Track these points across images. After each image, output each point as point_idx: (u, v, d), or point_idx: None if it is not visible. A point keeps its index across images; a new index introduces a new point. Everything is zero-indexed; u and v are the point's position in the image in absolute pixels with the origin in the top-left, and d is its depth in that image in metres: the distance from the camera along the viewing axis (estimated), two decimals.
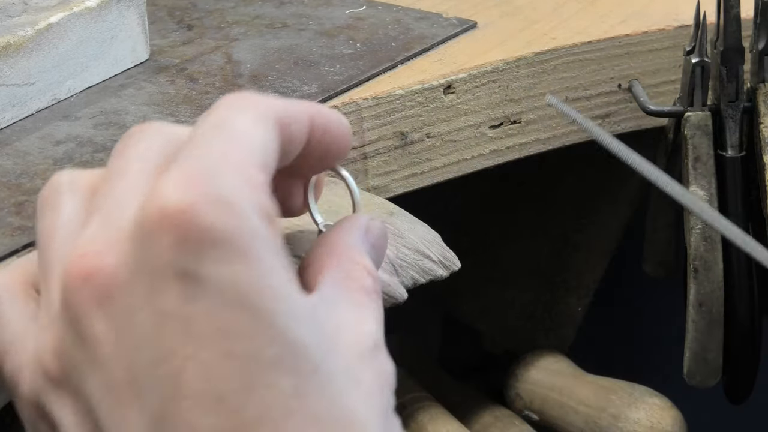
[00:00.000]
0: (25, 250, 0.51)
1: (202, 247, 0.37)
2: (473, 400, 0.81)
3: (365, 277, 0.45)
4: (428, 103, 0.65)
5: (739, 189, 0.70)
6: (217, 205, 0.38)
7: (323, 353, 0.39)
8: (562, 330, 0.88)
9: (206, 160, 0.39)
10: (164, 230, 0.38)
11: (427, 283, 0.53)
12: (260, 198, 0.39)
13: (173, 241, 0.37)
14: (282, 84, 0.64)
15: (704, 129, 0.69)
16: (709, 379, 0.72)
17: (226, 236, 0.38)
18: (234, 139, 0.40)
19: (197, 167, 0.39)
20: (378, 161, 0.65)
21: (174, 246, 0.37)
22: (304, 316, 0.39)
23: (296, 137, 0.43)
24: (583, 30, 0.71)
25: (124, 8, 0.64)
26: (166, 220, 0.38)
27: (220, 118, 0.41)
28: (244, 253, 0.38)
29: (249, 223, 0.38)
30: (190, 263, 0.37)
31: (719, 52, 0.68)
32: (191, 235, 0.37)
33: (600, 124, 0.71)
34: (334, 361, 0.40)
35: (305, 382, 0.38)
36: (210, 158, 0.39)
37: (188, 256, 0.37)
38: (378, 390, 0.41)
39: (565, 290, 0.88)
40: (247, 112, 0.41)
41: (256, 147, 0.41)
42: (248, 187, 0.39)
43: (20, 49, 0.59)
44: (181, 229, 0.37)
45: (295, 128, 0.43)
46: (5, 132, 0.59)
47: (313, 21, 0.71)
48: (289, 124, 0.43)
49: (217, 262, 0.37)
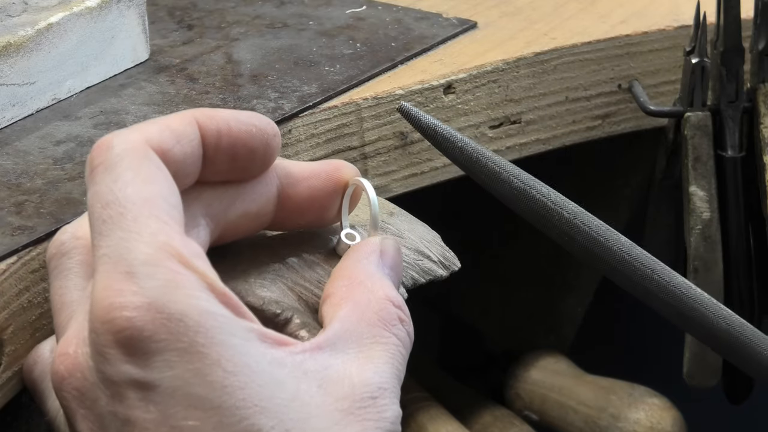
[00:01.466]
0: (25, 250, 0.51)
1: (148, 357, 0.40)
2: (473, 400, 0.81)
3: (386, 308, 0.46)
4: (428, 103, 0.65)
5: (739, 189, 0.70)
6: (150, 312, 0.40)
7: (295, 421, 0.41)
8: (562, 330, 0.88)
9: (120, 261, 0.41)
10: (111, 345, 0.40)
11: (427, 283, 0.53)
12: (190, 269, 0.41)
13: (121, 355, 0.40)
14: (282, 84, 0.64)
15: (704, 129, 0.69)
16: (709, 379, 0.72)
17: (165, 343, 0.40)
18: (133, 220, 0.42)
19: (114, 274, 0.41)
20: (378, 161, 0.65)
21: (123, 359, 0.40)
22: (267, 397, 0.41)
23: (187, 152, 0.44)
24: (583, 30, 0.71)
25: (125, 8, 0.64)
26: (110, 336, 0.40)
27: (105, 192, 0.42)
28: (188, 352, 0.40)
29: (187, 320, 0.40)
30: (141, 374, 0.40)
31: (719, 53, 0.68)
32: (136, 346, 0.40)
33: (600, 125, 0.71)
34: (311, 424, 0.41)
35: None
36: (123, 255, 0.41)
37: (137, 367, 0.40)
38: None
39: (565, 290, 0.88)
40: (128, 168, 0.43)
41: (158, 206, 0.42)
42: (172, 271, 0.41)
43: (20, 49, 0.59)
44: (124, 340, 0.40)
45: (179, 148, 0.44)
46: (5, 132, 0.59)
47: (313, 21, 0.71)
48: (170, 148, 0.44)
49: (163, 369, 0.40)
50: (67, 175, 0.56)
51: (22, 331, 0.50)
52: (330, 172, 0.49)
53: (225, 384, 0.40)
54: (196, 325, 0.40)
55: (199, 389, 0.40)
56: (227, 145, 0.45)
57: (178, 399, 0.40)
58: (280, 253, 0.50)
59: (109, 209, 0.42)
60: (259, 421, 0.40)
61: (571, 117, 0.70)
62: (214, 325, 0.40)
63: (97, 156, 0.43)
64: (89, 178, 0.43)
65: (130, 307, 0.40)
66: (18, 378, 0.50)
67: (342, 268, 0.48)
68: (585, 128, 0.71)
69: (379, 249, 0.48)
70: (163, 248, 0.41)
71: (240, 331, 0.41)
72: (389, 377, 0.44)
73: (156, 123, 0.44)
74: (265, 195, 0.48)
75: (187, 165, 0.44)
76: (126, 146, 0.43)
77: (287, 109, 0.61)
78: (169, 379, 0.40)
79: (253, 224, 0.49)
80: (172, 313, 0.40)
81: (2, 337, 0.49)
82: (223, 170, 0.46)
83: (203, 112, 0.45)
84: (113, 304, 0.40)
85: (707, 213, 0.69)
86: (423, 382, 0.80)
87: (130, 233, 0.41)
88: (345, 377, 0.43)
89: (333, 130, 0.63)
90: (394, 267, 0.48)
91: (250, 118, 0.46)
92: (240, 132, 0.46)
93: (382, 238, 0.49)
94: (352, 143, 0.63)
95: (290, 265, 0.50)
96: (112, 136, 0.44)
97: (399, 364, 0.45)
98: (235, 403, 0.40)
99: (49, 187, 0.55)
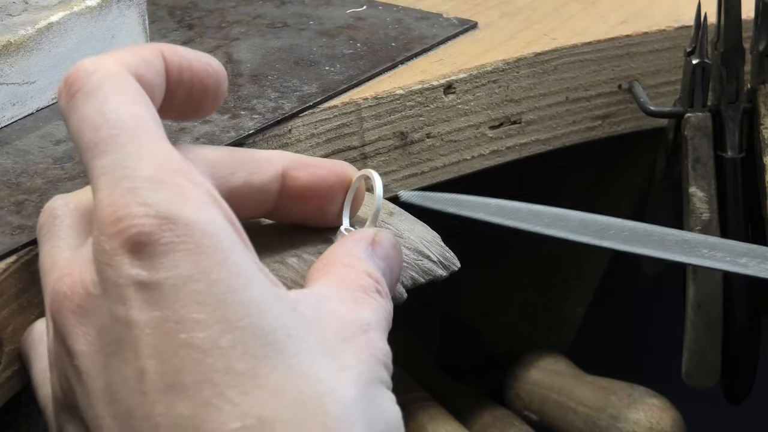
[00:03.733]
0: (25, 249, 0.51)
1: (155, 258, 0.40)
2: (473, 400, 0.81)
3: (363, 279, 0.46)
4: (428, 103, 0.65)
5: (738, 190, 0.70)
6: (158, 218, 0.40)
7: (293, 335, 0.41)
8: (562, 330, 0.88)
9: (122, 180, 0.41)
10: (117, 251, 0.41)
11: (426, 283, 0.53)
12: (194, 183, 0.42)
13: (128, 259, 0.40)
14: (282, 84, 0.64)
15: (704, 130, 0.69)
16: (708, 379, 0.72)
17: (172, 245, 0.40)
18: (130, 139, 0.42)
19: (118, 190, 0.41)
20: (378, 161, 0.65)
21: (129, 263, 0.40)
22: (269, 303, 0.41)
23: (155, 81, 0.45)
24: (583, 31, 0.71)
25: (125, 7, 0.64)
26: (117, 243, 0.41)
27: (93, 114, 0.43)
28: (194, 252, 0.40)
29: (194, 225, 0.41)
30: (145, 274, 0.40)
31: (720, 53, 0.68)
32: (142, 250, 0.40)
33: (600, 125, 0.71)
34: (309, 340, 0.41)
35: (264, 363, 0.40)
36: (124, 174, 0.41)
37: (142, 269, 0.40)
38: (360, 363, 0.42)
39: (565, 290, 0.88)
40: (112, 91, 0.43)
41: (151, 126, 0.43)
42: (177, 185, 0.41)
43: (21, 48, 0.59)
44: (131, 245, 0.40)
45: (149, 76, 0.45)
46: (5, 131, 0.59)
47: (313, 21, 0.71)
48: (143, 74, 0.45)
49: (169, 268, 0.40)
50: (67, 174, 0.56)
51: (21, 330, 0.50)
52: (336, 165, 0.51)
53: (230, 283, 0.40)
54: (203, 230, 0.41)
55: (203, 285, 0.40)
56: (187, 79, 0.47)
57: (182, 296, 0.40)
58: (280, 253, 0.50)
59: (101, 131, 0.42)
60: (263, 321, 0.40)
61: (572, 117, 0.70)
62: (220, 233, 0.41)
63: (76, 81, 0.44)
64: (68, 105, 0.44)
65: (138, 215, 0.40)
66: (18, 377, 0.50)
67: (328, 251, 0.48)
68: (585, 128, 0.71)
69: (370, 238, 0.48)
70: (165, 164, 0.42)
71: (241, 247, 0.42)
72: (377, 323, 0.45)
73: (127, 51, 0.45)
74: (269, 171, 0.49)
75: (155, 94, 0.45)
76: (106, 71, 0.44)
77: (287, 108, 0.61)
78: (174, 277, 0.40)
79: (256, 200, 0.49)
80: (180, 219, 0.40)
81: (2, 336, 0.49)
82: (178, 105, 0.47)
83: (167, 46, 0.46)
84: (121, 217, 0.40)
85: (707, 214, 0.69)
86: (423, 382, 0.80)
87: (129, 152, 0.42)
88: (335, 315, 0.44)
89: (333, 130, 0.63)
90: (386, 259, 0.48)
91: (206, 58, 0.48)
92: (199, 69, 0.47)
93: (378, 230, 0.49)
94: (352, 143, 0.63)
95: (290, 265, 0.50)
96: (89, 62, 0.44)
97: (384, 322, 0.45)
98: (239, 300, 0.40)
99: (49, 187, 0.55)
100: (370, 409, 0.41)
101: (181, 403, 0.39)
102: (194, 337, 0.40)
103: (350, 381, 0.41)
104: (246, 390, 0.39)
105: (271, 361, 0.40)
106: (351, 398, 0.41)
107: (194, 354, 0.39)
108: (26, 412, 0.53)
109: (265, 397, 0.39)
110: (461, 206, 0.56)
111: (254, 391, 0.39)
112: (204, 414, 0.39)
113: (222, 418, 0.39)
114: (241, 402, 0.39)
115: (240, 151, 0.49)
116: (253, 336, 0.40)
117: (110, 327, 0.41)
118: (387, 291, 0.47)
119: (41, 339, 0.48)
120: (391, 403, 0.43)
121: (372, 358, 0.43)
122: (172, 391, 0.39)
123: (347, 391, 0.41)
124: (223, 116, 0.60)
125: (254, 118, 0.60)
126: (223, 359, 0.39)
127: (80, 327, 0.42)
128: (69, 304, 0.42)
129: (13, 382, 0.50)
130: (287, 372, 0.40)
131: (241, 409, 0.39)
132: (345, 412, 0.40)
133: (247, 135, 0.59)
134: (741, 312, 0.71)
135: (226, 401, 0.39)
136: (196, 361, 0.39)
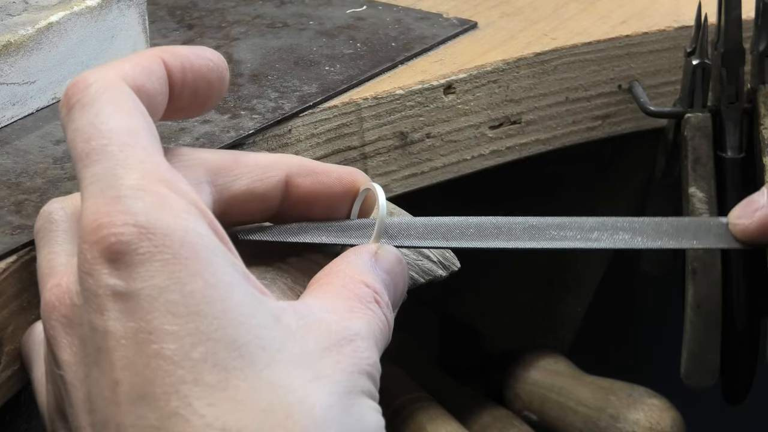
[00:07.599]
0: (25, 249, 0.51)
1: (132, 268, 0.40)
2: (472, 400, 0.81)
3: (361, 288, 0.46)
4: (428, 103, 0.65)
5: (738, 190, 0.70)
6: (137, 227, 0.41)
7: (267, 346, 0.41)
8: (562, 330, 0.88)
9: (107, 188, 0.41)
10: (97, 260, 0.41)
11: (426, 283, 0.53)
12: (178, 193, 0.42)
13: (106, 268, 0.41)
14: (282, 84, 0.64)
15: (704, 130, 0.69)
16: (707, 379, 0.72)
17: (149, 255, 0.40)
18: (119, 150, 0.42)
19: (102, 199, 0.41)
20: (378, 161, 0.65)
21: (107, 272, 0.41)
22: (246, 314, 0.41)
23: (157, 88, 0.45)
24: (583, 31, 0.71)
25: (125, 7, 0.64)
26: (96, 252, 0.41)
27: (87, 126, 0.43)
28: (170, 263, 0.40)
29: (173, 235, 0.41)
30: (122, 284, 0.40)
31: (720, 54, 0.68)
32: (120, 259, 0.40)
33: (600, 125, 0.71)
34: (287, 350, 0.41)
35: (235, 374, 0.40)
36: (110, 183, 0.42)
37: (120, 279, 0.40)
38: (339, 373, 0.42)
39: (564, 290, 0.88)
40: (107, 103, 0.43)
41: (142, 137, 0.43)
42: (159, 194, 0.41)
43: (21, 48, 0.59)
44: (109, 254, 0.41)
45: (150, 84, 0.45)
46: (5, 131, 0.59)
47: (313, 21, 0.71)
48: (143, 84, 0.45)
49: (146, 278, 0.40)
50: (67, 174, 0.56)
51: (21, 330, 0.50)
52: (343, 174, 0.50)
53: (205, 294, 0.40)
54: (181, 240, 0.41)
55: (178, 296, 0.40)
56: (191, 79, 0.47)
57: (157, 306, 0.40)
58: (280, 253, 0.50)
59: (93, 142, 0.42)
60: (236, 333, 0.40)
61: (572, 117, 0.70)
62: (199, 243, 0.41)
63: (74, 94, 0.44)
64: (67, 118, 0.44)
65: (118, 224, 0.41)
66: (18, 377, 0.50)
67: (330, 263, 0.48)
68: (585, 128, 0.71)
69: (373, 251, 0.48)
70: (150, 174, 0.42)
71: (224, 255, 0.42)
72: (367, 333, 0.44)
73: (127, 61, 0.45)
74: (273, 178, 0.49)
75: (157, 102, 0.46)
76: (103, 83, 0.44)
77: (287, 108, 0.61)
78: (149, 288, 0.40)
79: (259, 207, 0.49)
80: (158, 228, 0.41)
81: (2, 336, 0.49)
82: (185, 105, 0.47)
83: (165, 49, 0.47)
84: (102, 224, 0.41)
85: (707, 214, 0.69)
86: (423, 382, 0.80)
87: (117, 162, 0.42)
88: (321, 324, 0.43)
89: (333, 130, 0.63)
90: (390, 273, 0.48)
91: (204, 52, 0.48)
92: (200, 66, 0.47)
93: (381, 244, 0.49)
94: (352, 143, 0.63)
95: (290, 265, 0.50)
96: (88, 74, 0.44)
97: (378, 333, 0.45)
98: (214, 312, 0.40)
99: (49, 186, 0.55)
100: (346, 418, 0.41)
101: (150, 413, 0.40)
102: (166, 348, 0.40)
103: (324, 390, 0.41)
104: (213, 402, 0.40)
105: (242, 372, 0.40)
106: (322, 408, 0.41)
107: (165, 365, 0.40)
108: (26, 412, 0.53)
109: (233, 408, 0.40)
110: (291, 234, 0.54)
111: (221, 403, 0.40)
112: (171, 425, 0.39)
113: (189, 428, 0.39)
114: (207, 413, 0.39)
115: (244, 156, 0.49)
116: (225, 348, 0.40)
117: (90, 337, 0.41)
118: (387, 302, 0.47)
119: (41, 340, 0.48)
120: (372, 412, 0.43)
121: (354, 368, 0.43)
122: (143, 402, 0.40)
123: (319, 400, 0.41)
124: (223, 116, 0.60)
125: (254, 118, 0.60)
126: (193, 371, 0.40)
127: (67, 337, 0.42)
128: (56, 315, 0.43)
129: (13, 382, 0.50)
130: (257, 383, 0.40)
131: (206, 420, 0.39)
132: (314, 423, 0.40)
133: (247, 135, 0.59)
134: (740, 312, 0.71)
135: (192, 412, 0.39)
136: (167, 373, 0.40)
